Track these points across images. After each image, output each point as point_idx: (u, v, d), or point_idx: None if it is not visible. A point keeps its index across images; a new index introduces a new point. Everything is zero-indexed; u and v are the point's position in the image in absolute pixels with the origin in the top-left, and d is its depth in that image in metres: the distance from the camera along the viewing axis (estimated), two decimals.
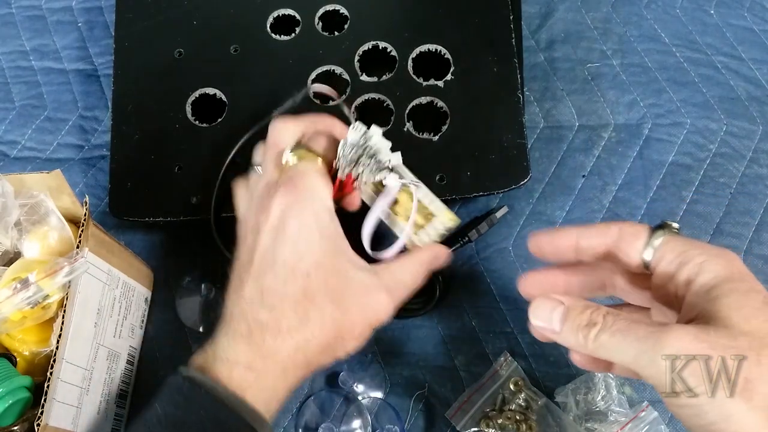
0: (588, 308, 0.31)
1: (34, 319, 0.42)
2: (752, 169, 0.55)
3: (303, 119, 0.42)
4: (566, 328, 0.32)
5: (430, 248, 0.41)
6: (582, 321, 0.31)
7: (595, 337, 0.30)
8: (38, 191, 0.45)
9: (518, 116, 0.52)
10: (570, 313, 0.32)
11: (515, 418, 0.47)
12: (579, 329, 0.31)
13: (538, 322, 0.33)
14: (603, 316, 0.31)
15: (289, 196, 0.37)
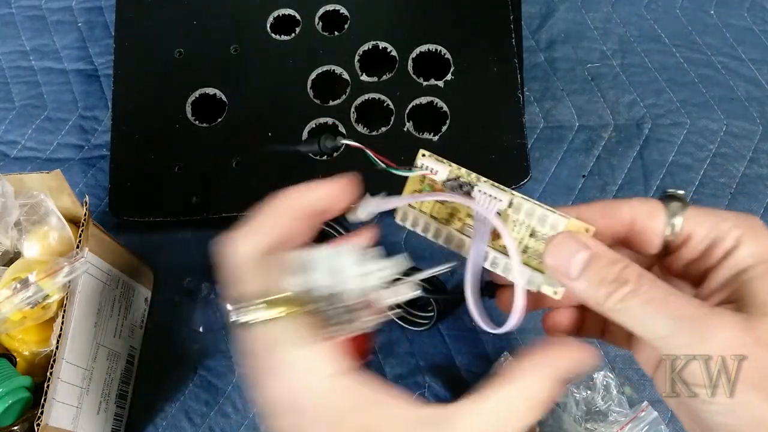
0: (618, 261, 0.26)
1: (34, 319, 0.42)
2: (752, 170, 0.55)
3: (268, 217, 0.28)
4: (586, 277, 0.26)
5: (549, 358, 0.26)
6: (609, 275, 0.26)
7: (621, 299, 0.25)
8: (38, 191, 0.45)
9: (518, 116, 0.52)
10: (595, 262, 0.26)
11: None
12: (602, 283, 0.26)
13: (553, 261, 0.27)
14: (637, 276, 0.26)
15: (259, 389, 0.25)
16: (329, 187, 0.30)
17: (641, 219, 0.29)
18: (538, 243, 0.29)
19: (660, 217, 0.29)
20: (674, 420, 0.48)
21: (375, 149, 0.52)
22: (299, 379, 0.24)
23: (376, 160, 0.33)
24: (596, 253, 0.27)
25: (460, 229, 0.31)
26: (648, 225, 0.29)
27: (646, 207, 0.29)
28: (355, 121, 0.53)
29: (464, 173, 0.32)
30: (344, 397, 0.24)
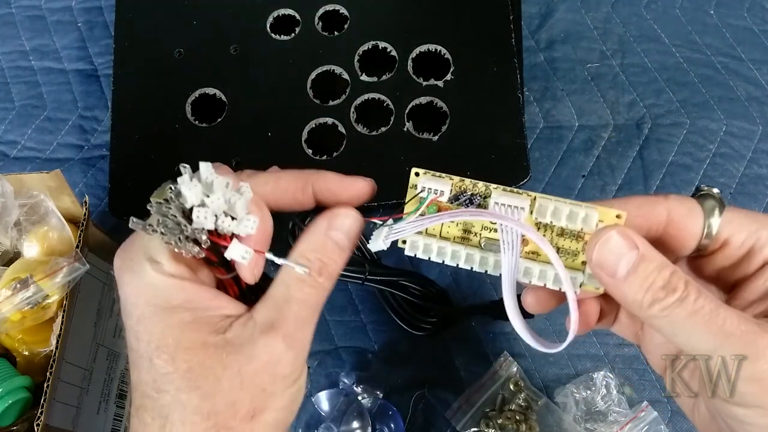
0: (666, 267, 0.25)
1: (34, 319, 0.42)
2: (752, 170, 0.55)
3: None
4: (633, 280, 0.25)
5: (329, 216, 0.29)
6: (657, 281, 0.25)
7: (666, 308, 0.24)
8: (38, 191, 0.45)
9: (518, 116, 0.52)
10: (645, 264, 0.25)
11: (515, 418, 0.47)
12: (649, 289, 0.25)
13: (600, 258, 0.26)
14: (685, 285, 0.25)
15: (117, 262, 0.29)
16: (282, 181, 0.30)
17: (678, 220, 0.27)
18: (568, 241, 0.28)
19: (698, 219, 0.27)
20: (674, 420, 0.48)
21: (375, 149, 0.53)
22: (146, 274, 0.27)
23: (381, 221, 0.31)
24: (645, 254, 0.25)
25: (479, 245, 0.29)
26: (685, 227, 0.27)
27: (684, 207, 0.27)
28: (355, 121, 0.53)
29: (469, 184, 0.29)
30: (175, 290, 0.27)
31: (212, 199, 0.26)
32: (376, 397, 0.49)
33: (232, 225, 0.26)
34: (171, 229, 0.26)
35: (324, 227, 0.29)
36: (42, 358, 0.44)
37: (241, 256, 0.27)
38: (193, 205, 0.26)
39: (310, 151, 0.53)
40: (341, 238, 0.29)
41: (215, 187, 0.26)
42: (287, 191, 0.30)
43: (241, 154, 0.54)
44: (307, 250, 0.28)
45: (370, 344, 0.52)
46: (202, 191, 0.26)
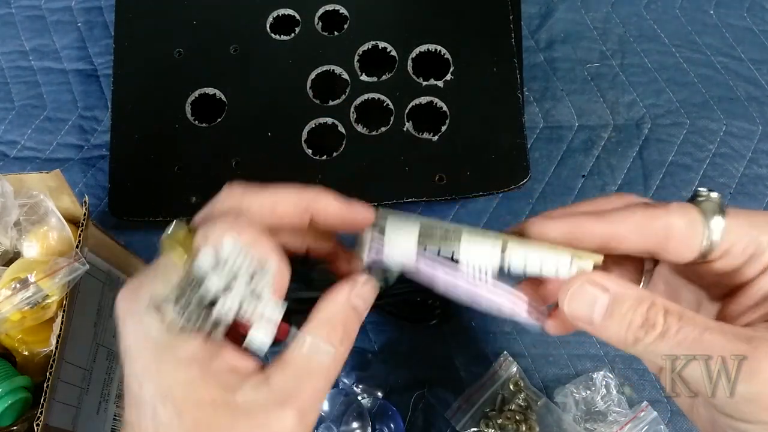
0: (642, 302, 0.25)
1: (34, 319, 0.42)
2: (752, 170, 0.55)
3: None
4: (611, 324, 0.25)
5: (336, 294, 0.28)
6: (635, 320, 0.25)
7: (650, 344, 0.25)
8: (38, 191, 0.45)
9: (518, 116, 0.52)
10: (617, 306, 0.25)
11: (515, 418, 0.47)
12: (629, 329, 0.25)
13: (574, 311, 0.26)
14: (663, 317, 0.24)
15: (121, 305, 0.27)
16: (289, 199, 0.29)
17: (679, 234, 0.26)
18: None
19: (698, 230, 0.26)
20: (673, 420, 0.48)
21: (374, 149, 0.53)
22: (152, 325, 0.26)
23: None
24: (617, 295, 0.25)
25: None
26: (685, 239, 0.26)
27: (685, 220, 0.26)
28: (355, 121, 0.53)
29: (437, 230, 0.28)
30: (183, 343, 0.25)
31: (236, 287, 0.25)
32: (375, 397, 0.49)
33: (256, 313, 0.25)
34: (192, 319, 0.25)
35: (345, 295, 0.28)
36: (42, 358, 0.44)
37: (261, 342, 0.26)
38: (217, 294, 0.25)
39: (309, 151, 0.53)
40: (361, 306, 0.29)
41: (240, 268, 0.25)
42: (284, 216, 0.29)
43: (241, 154, 0.54)
44: (331, 318, 0.28)
45: (369, 344, 0.52)
46: (226, 276, 0.25)
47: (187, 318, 0.25)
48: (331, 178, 0.52)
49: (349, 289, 0.28)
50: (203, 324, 0.25)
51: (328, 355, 0.27)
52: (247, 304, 0.25)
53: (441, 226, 0.28)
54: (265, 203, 0.28)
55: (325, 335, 0.27)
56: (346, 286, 0.28)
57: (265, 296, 0.25)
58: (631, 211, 0.27)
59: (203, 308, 0.25)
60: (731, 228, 0.26)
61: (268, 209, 0.28)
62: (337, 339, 0.27)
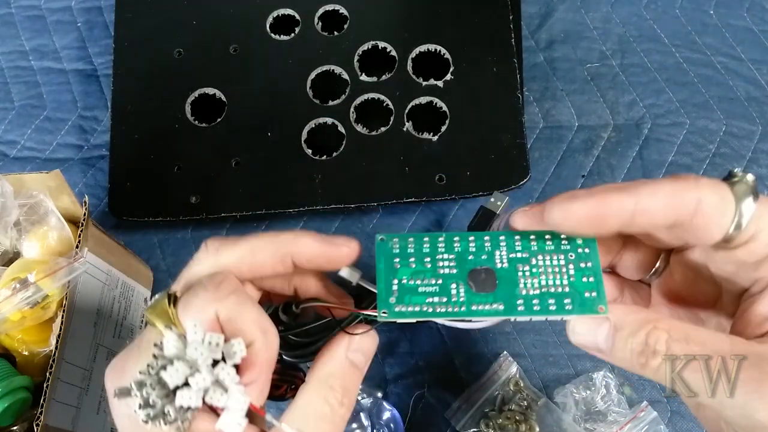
0: (642, 326, 0.24)
1: (34, 319, 0.42)
2: (752, 170, 0.55)
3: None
4: (616, 351, 0.25)
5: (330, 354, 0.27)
6: (636, 346, 0.24)
7: (657, 368, 0.24)
8: (38, 191, 0.45)
9: (518, 116, 0.52)
10: (618, 335, 0.25)
11: (515, 418, 0.47)
12: (633, 355, 0.24)
13: (581, 341, 0.26)
14: (665, 343, 0.24)
15: (107, 383, 0.26)
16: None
17: (708, 210, 0.24)
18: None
19: (729, 209, 0.24)
20: (673, 420, 0.48)
21: (374, 149, 0.53)
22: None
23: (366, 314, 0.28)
24: (616, 324, 0.25)
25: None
26: (713, 217, 0.24)
27: (716, 196, 0.25)
28: (355, 121, 0.53)
29: None
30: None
31: (197, 379, 0.23)
32: (375, 397, 0.49)
33: (221, 400, 0.24)
34: (153, 409, 0.23)
35: (343, 349, 0.27)
36: (42, 358, 0.44)
37: (232, 430, 0.24)
38: (176, 386, 0.23)
39: (309, 151, 0.53)
40: (361, 361, 0.27)
41: (201, 357, 0.23)
42: (265, 266, 0.27)
43: (240, 154, 0.54)
44: (327, 378, 0.26)
45: None
46: (185, 369, 0.23)
47: (149, 409, 0.23)
48: (331, 178, 0.52)
49: (347, 344, 0.27)
50: (167, 414, 0.23)
51: (327, 417, 0.25)
52: (212, 393, 0.24)
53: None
54: (243, 256, 0.27)
55: (323, 398, 0.26)
56: (342, 341, 0.27)
57: (230, 386, 0.24)
58: (660, 183, 0.25)
59: (166, 398, 0.23)
60: (761, 213, 0.25)
61: (247, 263, 0.27)
62: (336, 400, 0.26)
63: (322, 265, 0.28)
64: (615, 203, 0.25)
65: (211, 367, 0.24)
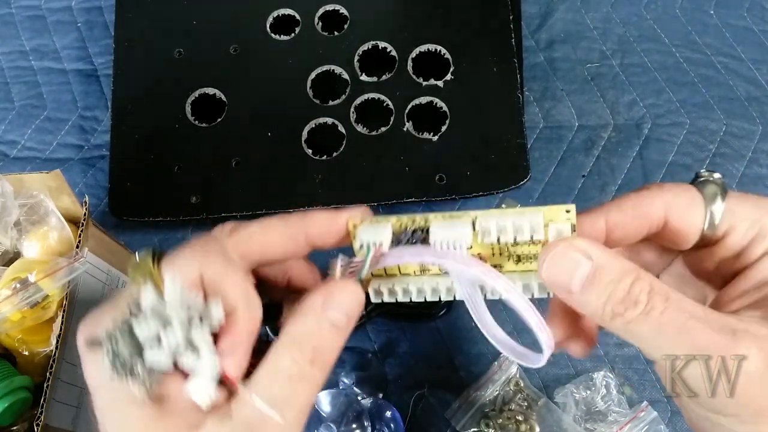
0: (627, 275, 0.23)
1: (34, 319, 0.42)
2: (752, 170, 0.55)
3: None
4: (589, 294, 0.23)
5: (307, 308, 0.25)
6: (617, 293, 0.23)
7: (629, 321, 0.23)
8: (38, 191, 0.45)
9: (518, 116, 0.52)
10: (600, 276, 0.23)
11: (515, 418, 0.47)
12: (609, 302, 0.23)
13: (550, 275, 0.24)
14: (648, 295, 0.23)
15: (80, 338, 0.25)
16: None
17: (678, 213, 0.25)
18: (526, 247, 0.26)
19: (699, 210, 0.25)
20: (674, 420, 0.48)
21: (374, 149, 0.53)
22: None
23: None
24: (600, 265, 0.23)
25: (440, 271, 0.27)
26: (685, 220, 0.25)
27: (684, 199, 0.25)
28: (355, 121, 0.53)
29: (407, 221, 0.26)
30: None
31: (168, 336, 0.22)
32: (375, 398, 0.49)
33: (193, 364, 0.23)
34: (122, 366, 0.23)
35: (319, 306, 0.25)
36: (42, 358, 0.44)
37: (202, 398, 0.23)
38: (147, 342, 0.23)
39: (309, 151, 0.53)
40: (339, 319, 0.25)
41: (175, 314, 0.23)
42: (276, 245, 0.27)
43: (240, 154, 0.54)
44: (299, 333, 0.24)
45: (370, 344, 0.52)
46: (158, 324, 0.22)
47: (119, 365, 0.22)
48: (330, 179, 0.52)
49: (322, 299, 0.25)
50: (135, 372, 0.23)
51: (295, 376, 0.24)
52: (184, 355, 0.23)
53: (410, 217, 0.26)
54: (254, 234, 0.27)
55: (290, 357, 0.24)
56: (317, 296, 0.25)
57: (203, 349, 0.23)
58: (625, 197, 0.26)
59: (137, 354, 0.23)
60: (732, 208, 0.25)
61: (258, 242, 0.27)
62: (306, 360, 0.24)
63: (336, 234, 0.27)
64: (588, 225, 0.25)
65: (186, 326, 0.23)
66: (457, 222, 0.25)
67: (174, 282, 0.23)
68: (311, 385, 0.25)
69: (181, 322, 0.23)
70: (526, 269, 0.27)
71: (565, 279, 0.24)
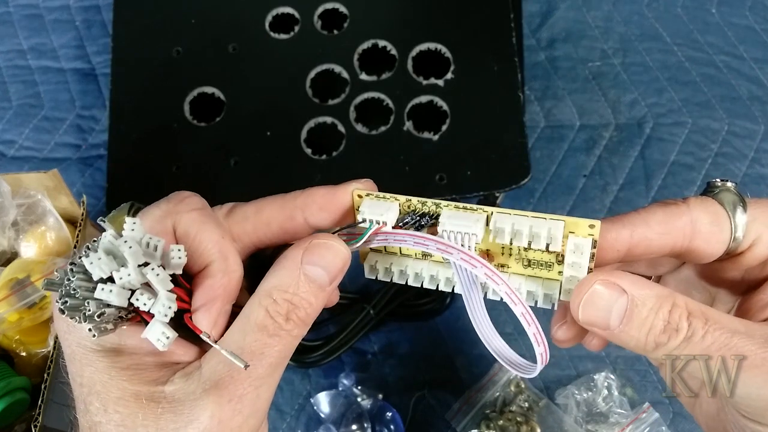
0: (664, 303, 0.22)
1: (31, 319, 0.42)
2: (754, 169, 0.54)
3: None
4: (630, 329, 0.23)
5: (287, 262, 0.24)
6: (657, 324, 0.22)
7: (675, 349, 0.23)
8: (35, 191, 0.45)
9: (519, 115, 0.52)
10: (637, 310, 0.23)
11: (516, 419, 0.47)
12: (650, 334, 0.23)
13: (589, 317, 0.23)
14: (687, 320, 0.22)
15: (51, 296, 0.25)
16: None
17: (704, 230, 0.24)
18: (539, 253, 0.25)
19: (725, 225, 0.24)
20: (675, 421, 0.47)
21: (374, 148, 0.52)
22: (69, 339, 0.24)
23: None
24: (636, 298, 0.23)
25: (442, 259, 0.26)
26: (712, 236, 0.24)
27: (709, 215, 0.25)
28: (355, 120, 0.53)
29: (417, 204, 0.25)
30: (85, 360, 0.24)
31: (121, 273, 0.22)
32: (375, 399, 0.49)
33: (148, 305, 0.22)
34: (73, 305, 0.22)
35: (296, 260, 0.24)
36: (39, 359, 0.44)
37: (157, 339, 0.22)
38: (99, 280, 0.22)
39: (309, 150, 0.53)
40: (319, 275, 0.24)
41: (131, 254, 0.22)
42: (271, 224, 0.26)
43: (239, 153, 0.53)
44: (274, 288, 0.24)
45: (369, 345, 0.51)
46: (112, 263, 0.22)
47: (69, 304, 0.22)
48: (330, 178, 0.52)
49: (302, 252, 0.24)
50: (86, 308, 0.22)
51: (268, 329, 0.23)
52: (140, 295, 0.22)
53: (422, 201, 0.25)
54: (248, 212, 0.26)
55: (264, 309, 0.23)
56: (296, 251, 0.24)
57: (159, 290, 0.22)
58: (651, 210, 0.25)
59: (88, 290, 0.22)
60: (756, 216, 0.25)
61: (252, 220, 0.26)
62: (280, 314, 0.23)
63: (335, 213, 0.26)
64: (611, 237, 0.25)
65: (141, 266, 0.22)
66: (471, 215, 0.24)
67: (135, 224, 0.23)
68: (285, 340, 0.24)
69: (135, 261, 0.22)
70: (534, 275, 0.26)
71: (602, 318, 0.23)
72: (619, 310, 0.23)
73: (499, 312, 0.51)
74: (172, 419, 0.22)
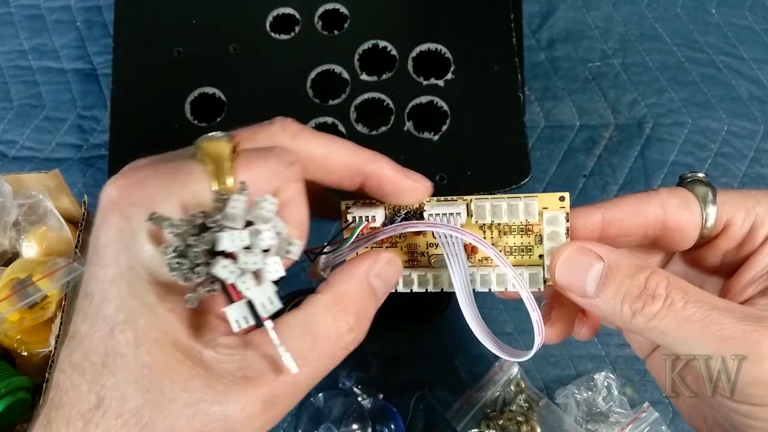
0: (641, 270, 0.23)
1: (33, 319, 0.42)
2: (754, 169, 0.54)
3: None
4: (606, 295, 0.23)
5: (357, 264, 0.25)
6: (633, 289, 0.23)
7: (652, 318, 0.22)
8: (37, 191, 0.45)
9: (519, 116, 0.52)
10: (613, 274, 0.23)
11: (516, 419, 0.47)
12: (626, 299, 0.23)
13: (566, 280, 0.24)
14: (666, 289, 0.23)
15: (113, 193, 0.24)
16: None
17: (676, 212, 0.25)
18: (518, 237, 0.26)
19: (695, 207, 0.25)
20: (675, 421, 0.47)
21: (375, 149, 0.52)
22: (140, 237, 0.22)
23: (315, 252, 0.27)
24: (612, 263, 0.23)
25: (429, 263, 0.28)
26: (684, 218, 0.25)
27: (678, 198, 0.26)
28: (355, 121, 0.53)
29: (400, 207, 0.28)
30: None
31: (247, 258, 0.20)
32: (376, 398, 0.49)
33: (249, 291, 0.21)
34: (185, 267, 0.20)
35: (366, 270, 0.24)
36: (41, 358, 0.44)
37: (236, 319, 0.21)
38: (224, 252, 0.21)
39: None
40: (381, 288, 0.24)
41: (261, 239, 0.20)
42: (333, 174, 0.26)
43: None
44: (343, 297, 0.23)
45: (369, 345, 0.51)
46: (244, 241, 0.20)
47: (181, 264, 0.20)
48: None
49: (370, 265, 0.24)
50: (195, 272, 0.20)
51: (331, 338, 0.23)
52: (245, 278, 0.21)
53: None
54: (317, 153, 0.25)
55: (332, 317, 0.23)
56: (367, 260, 0.24)
57: (266, 280, 0.21)
58: (623, 197, 0.27)
59: (203, 260, 0.20)
60: (725, 201, 0.26)
61: (319, 163, 0.25)
62: (347, 324, 0.23)
63: (391, 193, 0.26)
64: (583, 216, 0.26)
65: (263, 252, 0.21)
66: (452, 203, 0.27)
67: (269, 200, 0.21)
68: (341, 355, 0.23)
69: (262, 247, 0.21)
70: (517, 263, 0.27)
71: (578, 282, 0.24)
72: (595, 275, 0.23)
73: (499, 312, 0.51)
74: (201, 388, 0.21)
